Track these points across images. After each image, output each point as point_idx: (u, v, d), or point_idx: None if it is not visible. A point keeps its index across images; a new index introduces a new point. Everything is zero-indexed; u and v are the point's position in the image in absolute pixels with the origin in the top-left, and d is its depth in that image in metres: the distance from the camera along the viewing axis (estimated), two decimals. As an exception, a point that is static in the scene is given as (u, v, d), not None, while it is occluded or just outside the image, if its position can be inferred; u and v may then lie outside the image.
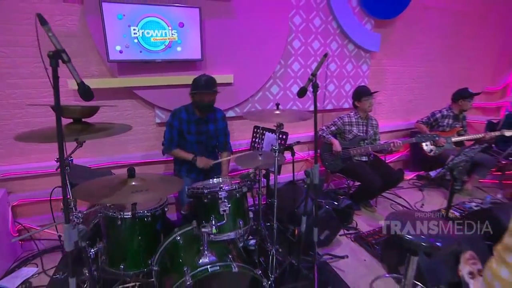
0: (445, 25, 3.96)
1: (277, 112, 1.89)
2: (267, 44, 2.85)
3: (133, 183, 1.45)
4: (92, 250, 1.50)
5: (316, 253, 2.04)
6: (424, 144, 3.43)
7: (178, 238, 1.71)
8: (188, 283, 1.34)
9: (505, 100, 4.75)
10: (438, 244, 1.37)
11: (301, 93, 1.54)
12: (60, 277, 2.19)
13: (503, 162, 3.53)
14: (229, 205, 1.52)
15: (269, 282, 1.70)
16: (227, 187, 1.57)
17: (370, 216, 2.99)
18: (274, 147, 1.84)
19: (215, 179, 1.84)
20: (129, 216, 1.68)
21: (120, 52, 2.30)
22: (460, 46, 4.20)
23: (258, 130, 2.77)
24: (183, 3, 2.40)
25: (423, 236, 1.45)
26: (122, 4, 2.24)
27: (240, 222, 1.58)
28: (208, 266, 1.42)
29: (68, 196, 1.59)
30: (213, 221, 1.50)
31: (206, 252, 1.47)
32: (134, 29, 2.30)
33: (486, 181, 3.67)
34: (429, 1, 3.68)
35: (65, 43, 2.32)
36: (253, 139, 2.81)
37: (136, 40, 2.32)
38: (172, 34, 2.39)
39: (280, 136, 2.48)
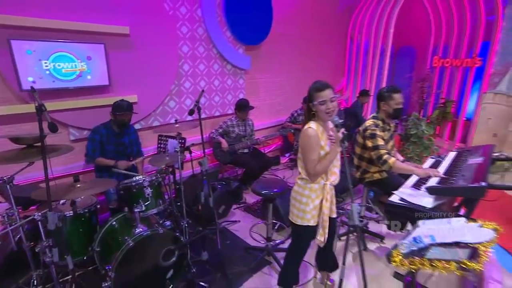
0: (296, 46, 5.40)
1: (177, 125, 2.70)
2: (163, 69, 3.56)
3: (79, 185, 2.04)
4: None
5: (217, 222, 2.95)
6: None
7: (114, 223, 2.33)
8: (131, 244, 2.04)
9: (341, 99, 6.72)
10: (277, 190, 2.46)
11: (190, 112, 2.38)
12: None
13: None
14: (151, 190, 2.27)
15: (186, 239, 2.49)
16: (148, 179, 2.31)
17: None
18: (176, 149, 2.64)
19: (136, 177, 2.50)
20: (71, 214, 2.22)
21: (33, 82, 2.66)
22: (309, 61, 5.73)
23: (162, 138, 3.48)
24: (89, 40, 2.90)
25: (274, 189, 2.51)
26: (30, 41, 2.61)
27: (160, 201, 2.35)
28: (142, 233, 2.14)
29: (11, 206, 2.07)
30: (142, 202, 2.22)
31: (139, 225, 2.19)
32: (45, 63, 2.69)
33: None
34: (282, 30, 4.98)
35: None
36: (159, 145, 3.51)
37: (48, 72, 2.71)
38: (81, 65, 2.87)
39: (180, 140, 3.27)
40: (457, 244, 1.30)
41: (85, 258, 2.33)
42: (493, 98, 5.04)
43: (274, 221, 3.01)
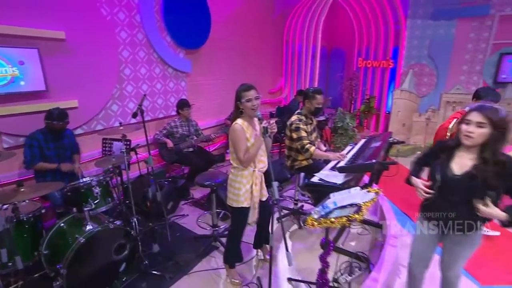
0: (235, 50, 5.71)
1: (121, 128, 2.83)
2: (104, 73, 3.59)
3: (23, 189, 2.10)
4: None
5: (166, 217, 3.14)
6: None
7: (62, 224, 2.38)
8: (82, 240, 2.14)
9: (280, 97, 7.27)
10: (218, 181, 2.76)
11: (134, 115, 2.55)
12: None
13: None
14: (100, 189, 2.40)
15: (136, 233, 2.65)
16: (96, 178, 2.43)
17: (201, 188, 4.31)
18: (122, 151, 2.77)
19: (84, 179, 2.58)
20: (14, 220, 2.23)
21: (-43, 88, 2.55)
22: (248, 63, 6.09)
23: (107, 141, 3.53)
24: (20, 44, 2.84)
25: (216, 180, 2.81)
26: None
27: (109, 199, 2.49)
28: (93, 229, 2.25)
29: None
30: (91, 201, 2.34)
31: (89, 223, 2.29)
32: (-30, 68, 2.60)
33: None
34: (221, 35, 5.25)
35: None
36: (104, 148, 3.55)
37: (-26, 78, 2.63)
38: (13, 71, 2.80)
39: (125, 142, 3.36)
40: (350, 205, 1.74)
41: (31, 264, 2.34)
42: (400, 94, 5.99)
43: (218, 210, 3.30)
